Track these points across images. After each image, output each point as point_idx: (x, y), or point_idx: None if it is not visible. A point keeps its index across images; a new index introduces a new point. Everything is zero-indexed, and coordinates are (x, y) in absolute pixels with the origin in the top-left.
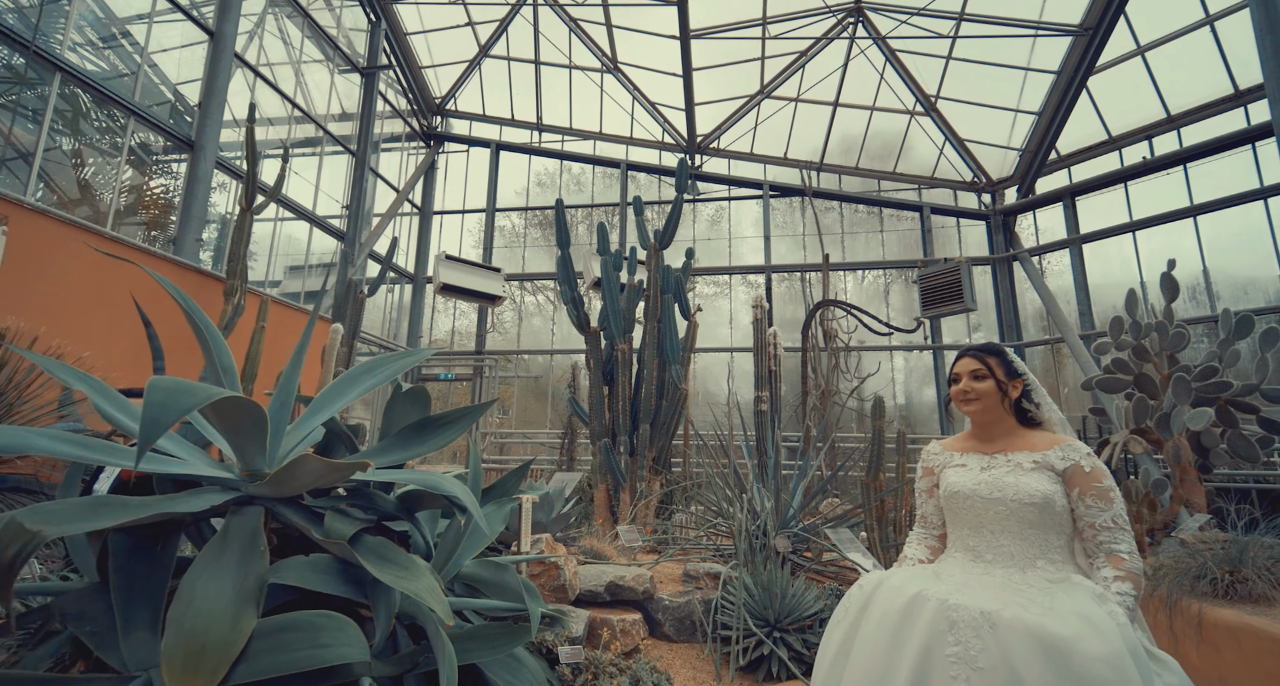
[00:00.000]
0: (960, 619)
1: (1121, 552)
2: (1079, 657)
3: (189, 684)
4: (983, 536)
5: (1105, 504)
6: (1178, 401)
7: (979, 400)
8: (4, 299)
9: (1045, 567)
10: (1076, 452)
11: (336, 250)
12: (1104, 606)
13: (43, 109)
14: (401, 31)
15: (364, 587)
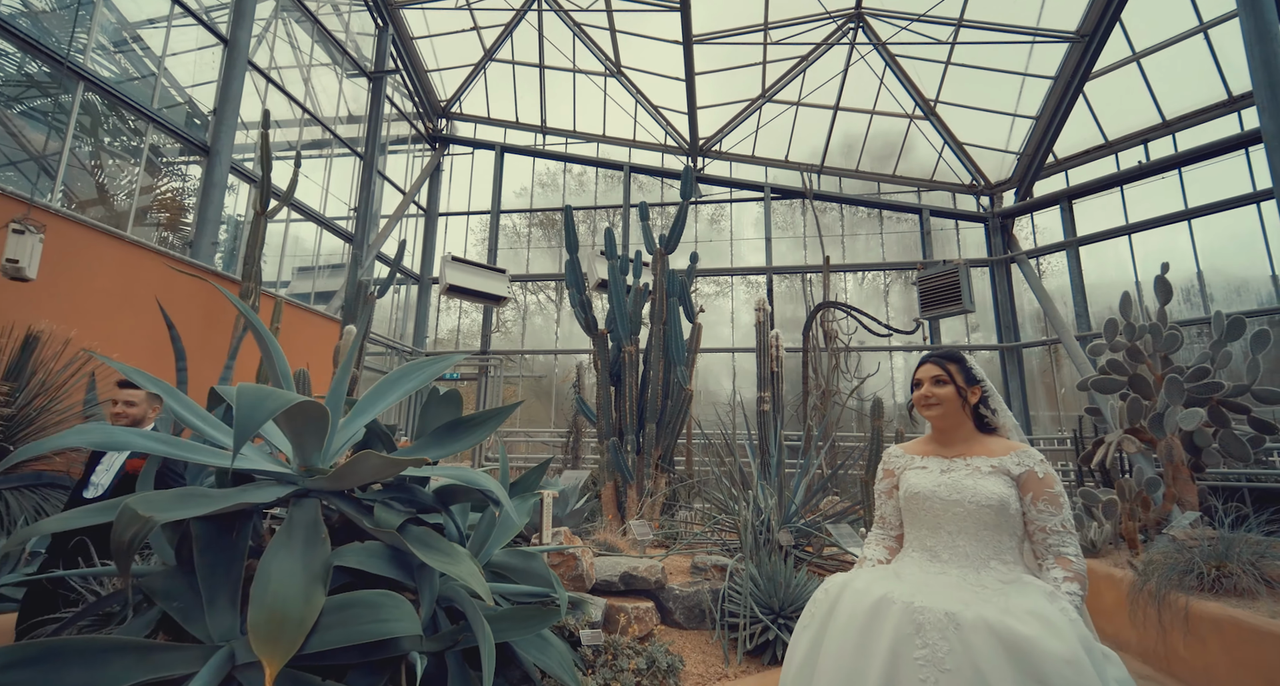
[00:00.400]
0: (926, 621)
1: (1069, 555)
2: (1040, 656)
3: (272, 651)
4: (940, 537)
5: (1056, 509)
6: (1171, 402)
7: (940, 405)
8: (38, 302)
9: (998, 568)
10: (1031, 459)
11: (343, 251)
12: (1056, 604)
13: (63, 115)
14: (408, 36)
15: (410, 571)
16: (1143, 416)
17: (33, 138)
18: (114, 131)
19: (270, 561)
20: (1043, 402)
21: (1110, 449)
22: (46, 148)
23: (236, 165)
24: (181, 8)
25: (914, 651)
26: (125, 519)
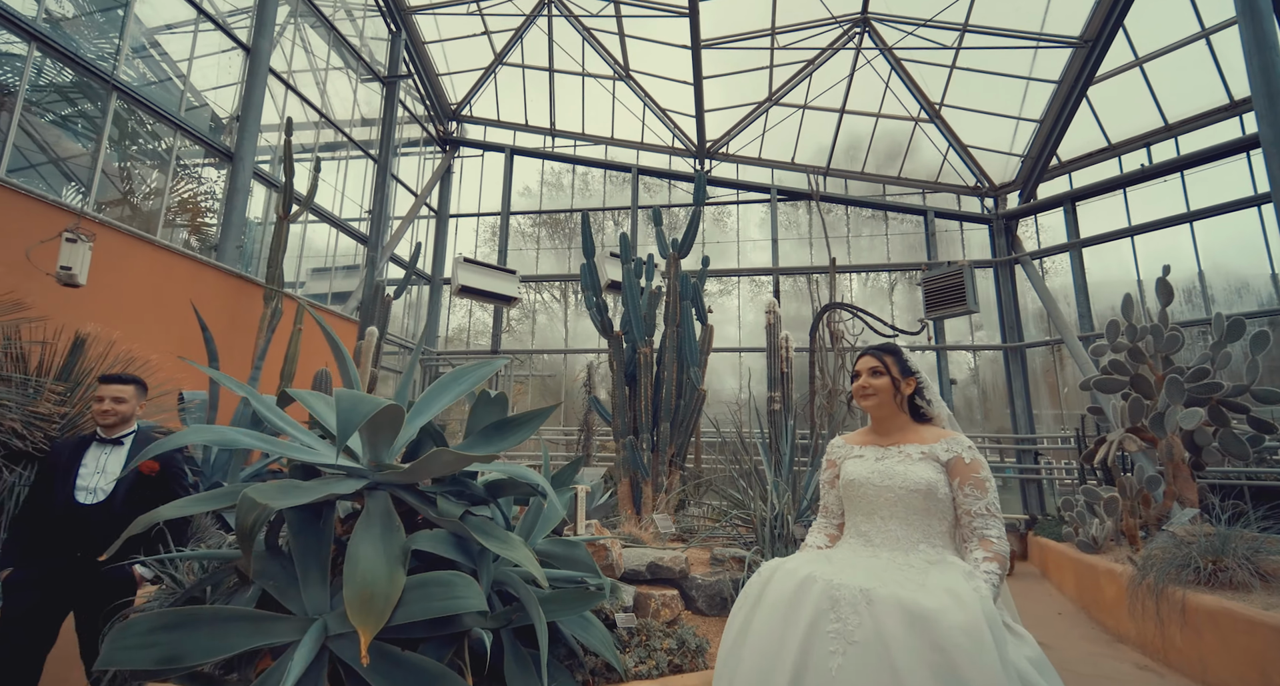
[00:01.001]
0: (842, 597)
1: (992, 537)
2: (941, 627)
3: (365, 622)
4: (874, 522)
5: (981, 493)
6: (1171, 401)
7: (875, 395)
8: (80, 305)
9: (926, 550)
10: (959, 446)
11: (357, 252)
12: (971, 582)
13: (86, 122)
14: (420, 40)
15: (471, 556)
16: (1144, 416)
17: (66, 146)
18: (142, 137)
19: (357, 545)
20: (1045, 402)
21: (1112, 447)
22: (76, 154)
23: (255, 169)
24: (206, 18)
25: (828, 624)
26: (246, 506)
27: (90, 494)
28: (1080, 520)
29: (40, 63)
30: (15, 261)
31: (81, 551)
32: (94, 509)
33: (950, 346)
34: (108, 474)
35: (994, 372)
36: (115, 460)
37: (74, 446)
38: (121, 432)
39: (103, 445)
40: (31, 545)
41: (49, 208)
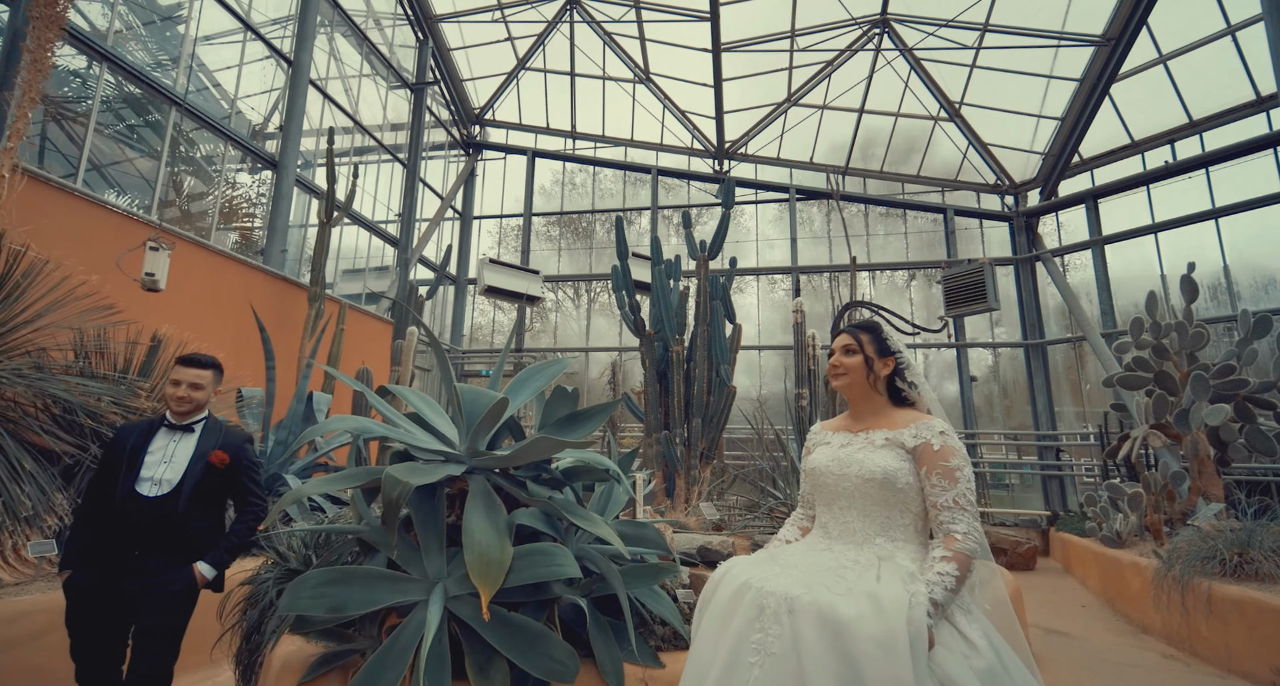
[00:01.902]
0: (767, 605)
1: (957, 533)
2: (852, 638)
3: (484, 584)
4: (833, 512)
5: (949, 483)
6: (1196, 398)
7: (846, 375)
8: (154, 308)
9: (882, 544)
10: (930, 431)
11: (385, 253)
12: (910, 586)
13: (141, 135)
14: (445, 47)
15: (558, 532)
16: (1168, 412)
17: (116, 153)
18: (197, 147)
19: (470, 520)
20: (1068, 399)
21: (1136, 444)
22: (118, 161)
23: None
24: (254, 34)
25: (753, 635)
26: (390, 483)
27: (155, 485)
28: (1104, 515)
29: (90, 74)
30: (102, 268)
31: (140, 550)
32: (156, 502)
33: (971, 343)
34: (175, 463)
35: (1015, 369)
36: (184, 448)
37: (141, 432)
38: (194, 419)
39: (172, 431)
40: (91, 543)
41: (122, 217)
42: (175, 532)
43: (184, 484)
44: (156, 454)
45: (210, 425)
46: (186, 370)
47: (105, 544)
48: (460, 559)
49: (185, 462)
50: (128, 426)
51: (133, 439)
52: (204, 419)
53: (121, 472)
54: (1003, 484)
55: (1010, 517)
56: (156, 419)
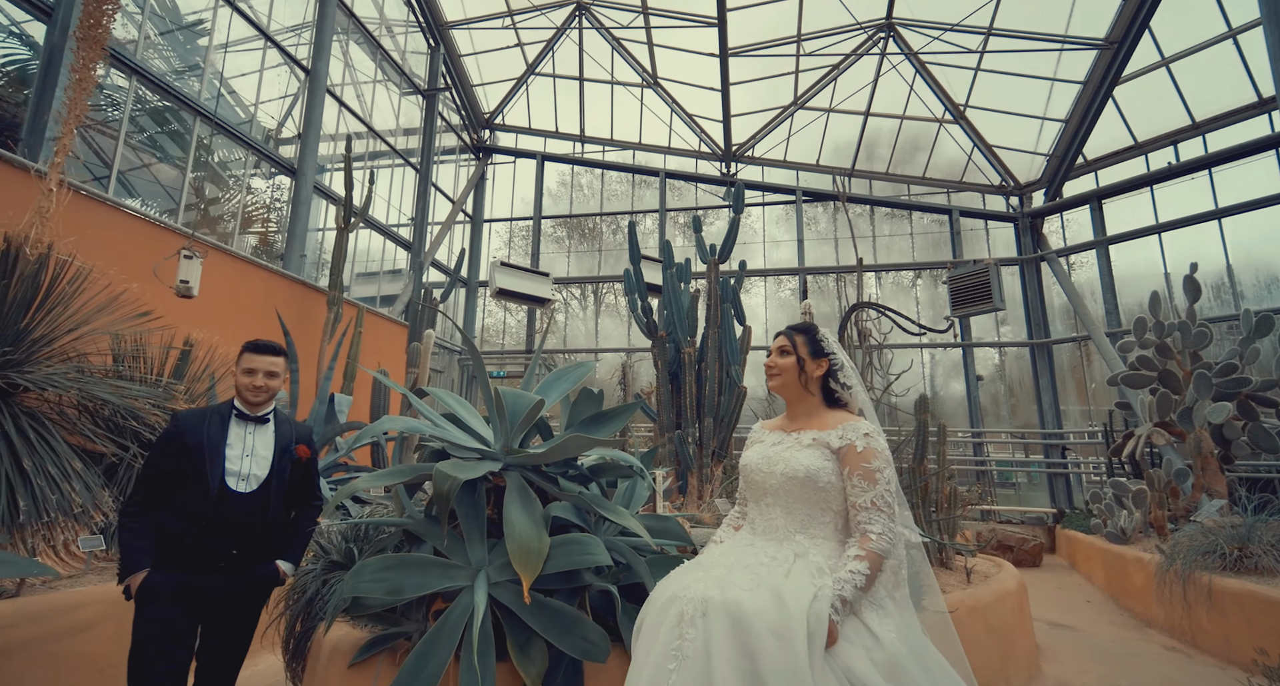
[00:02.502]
0: (685, 611)
1: (872, 533)
2: (753, 631)
3: (525, 571)
4: (760, 509)
5: (869, 484)
6: (1200, 396)
7: (780, 376)
8: (183, 312)
9: (801, 541)
10: (855, 432)
11: (397, 256)
12: (816, 581)
13: (159, 143)
14: (456, 54)
15: (588, 524)
16: (1172, 410)
17: (134, 159)
18: (209, 153)
19: (510, 512)
20: (1073, 397)
21: (1140, 441)
22: (136, 167)
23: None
24: (274, 46)
25: (673, 643)
26: (441, 477)
27: (242, 480)
28: (1109, 512)
29: (107, 82)
30: (136, 275)
31: (239, 548)
32: (248, 498)
33: (977, 343)
34: (258, 457)
35: (1020, 369)
36: (263, 441)
37: (213, 423)
38: (267, 410)
39: (244, 422)
40: (172, 542)
41: (152, 226)
42: (265, 529)
43: (272, 479)
44: (236, 447)
45: (280, 416)
46: (260, 357)
47: (192, 542)
48: (500, 548)
49: (269, 456)
50: (189, 416)
51: (208, 430)
52: (273, 409)
53: (206, 466)
54: (1009, 482)
55: (1016, 515)
56: (222, 408)
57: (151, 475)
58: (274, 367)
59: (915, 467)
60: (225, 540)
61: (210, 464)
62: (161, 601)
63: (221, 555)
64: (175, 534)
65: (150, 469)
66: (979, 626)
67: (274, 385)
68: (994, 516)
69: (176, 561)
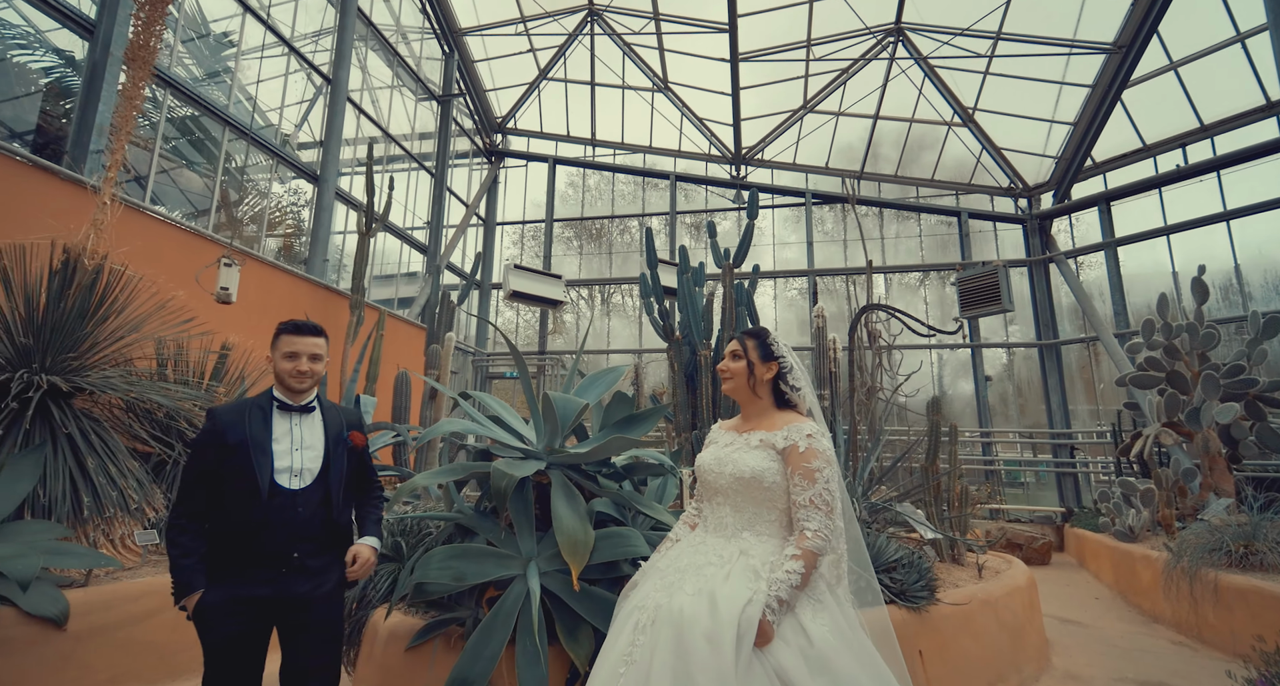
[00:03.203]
0: (641, 620)
1: (808, 531)
2: (689, 636)
3: (574, 560)
4: (711, 507)
5: (808, 483)
6: (1207, 397)
7: (732, 379)
8: (217, 318)
9: (747, 538)
10: (799, 433)
11: (412, 258)
12: (751, 585)
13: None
14: (470, 59)
15: (625, 519)
16: (1180, 411)
17: (161, 165)
18: (229, 159)
19: (557, 507)
20: (1081, 397)
21: (1148, 441)
22: (164, 174)
23: (306, 169)
24: (298, 57)
25: (626, 649)
26: (498, 475)
27: (295, 476)
28: (1117, 511)
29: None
30: (177, 282)
31: (300, 551)
32: (304, 495)
33: (985, 344)
34: (309, 449)
35: (1029, 369)
36: (312, 431)
37: (257, 418)
38: (310, 398)
39: (289, 413)
40: (227, 551)
41: (185, 233)
42: (329, 526)
43: (329, 471)
44: (283, 441)
45: (325, 403)
46: (302, 339)
47: (248, 549)
48: (547, 540)
49: (321, 447)
50: (227, 412)
51: (249, 424)
52: (318, 396)
53: (254, 465)
54: (1017, 481)
55: (1025, 514)
56: (261, 400)
57: (195, 481)
58: (317, 350)
59: (928, 467)
60: (285, 543)
61: (258, 462)
62: (221, 622)
63: (283, 560)
64: (229, 542)
65: (193, 474)
66: (990, 619)
67: (318, 369)
68: (1003, 515)
69: (233, 572)
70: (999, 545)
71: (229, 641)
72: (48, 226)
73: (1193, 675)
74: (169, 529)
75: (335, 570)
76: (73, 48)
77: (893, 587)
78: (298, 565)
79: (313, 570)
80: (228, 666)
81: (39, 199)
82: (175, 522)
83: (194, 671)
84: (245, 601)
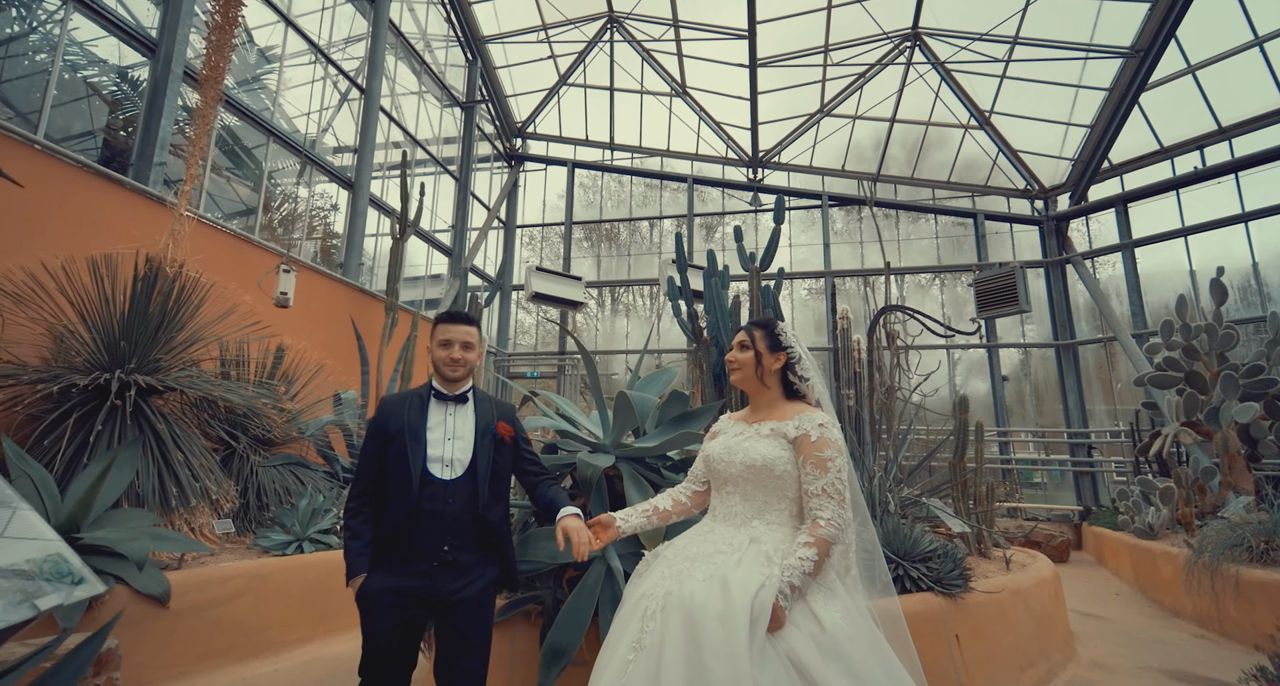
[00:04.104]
0: (650, 607)
1: (821, 519)
2: (701, 620)
3: (648, 543)
4: (721, 496)
5: (820, 472)
6: (1226, 396)
7: (740, 370)
8: (274, 320)
9: (757, 527)
10: (810, 423)
11: (435, 260)
12: (764, 570)
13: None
14: (491, 66)
15: None
16: (1199, 410)
17: (225, 180)
18: (273, 163)
19: (631, 495)
20: (1099, 397)
21: (1167, 441)
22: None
23: (337, 173)
24: (335, 67)
25: (635, 635)
26: (583, 466)
27: (446, 466)
28: (1136, 509)
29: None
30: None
31: (450, 545)
32: (454, 486)
33: (1002, 344)
34: (460, 439)
35: (1045, 368)
36: (464, 422)
37: (415, 407)
38: (465, 387)
39: (444, 403)
40: (387, 539)
41: (241, 241)
42: (477, 521)
43: (477, 463)
44: (437, 430)
45: (479, 395)
46: (454, 327)
47: (403, 539)
48: None
49: (471, 438)
50: (392, 400)
51: (407, 412)
52: (472, 387)
53: (408, 451)
54: (1032, 481)
55: (1043, 512)
56: (422, 390)
57: (365, 466)
58: (469, 338)
59: (955, 464)
60: (435, 535)
61: (411, 450)
62: (377, 609)
63: (434, 553)
64: (389, 530)
65: (363, 460)
66: (1020, 609)
67: (470, 358)
68: (1021, 513)
69: (392, 561)
70: (1018, 542)
71: (384, 630)
72: (129, 237)
73: (1214, 665)
74: (345, 510)
75: (486, 569)
76: (130, 61)
77: (930, 576)
78: (449, 560)
79: (463, 566)
80: (381, 654)
81: (111, 210)
82: (349, 504)
83: (274, 650)
84: (400, 592)
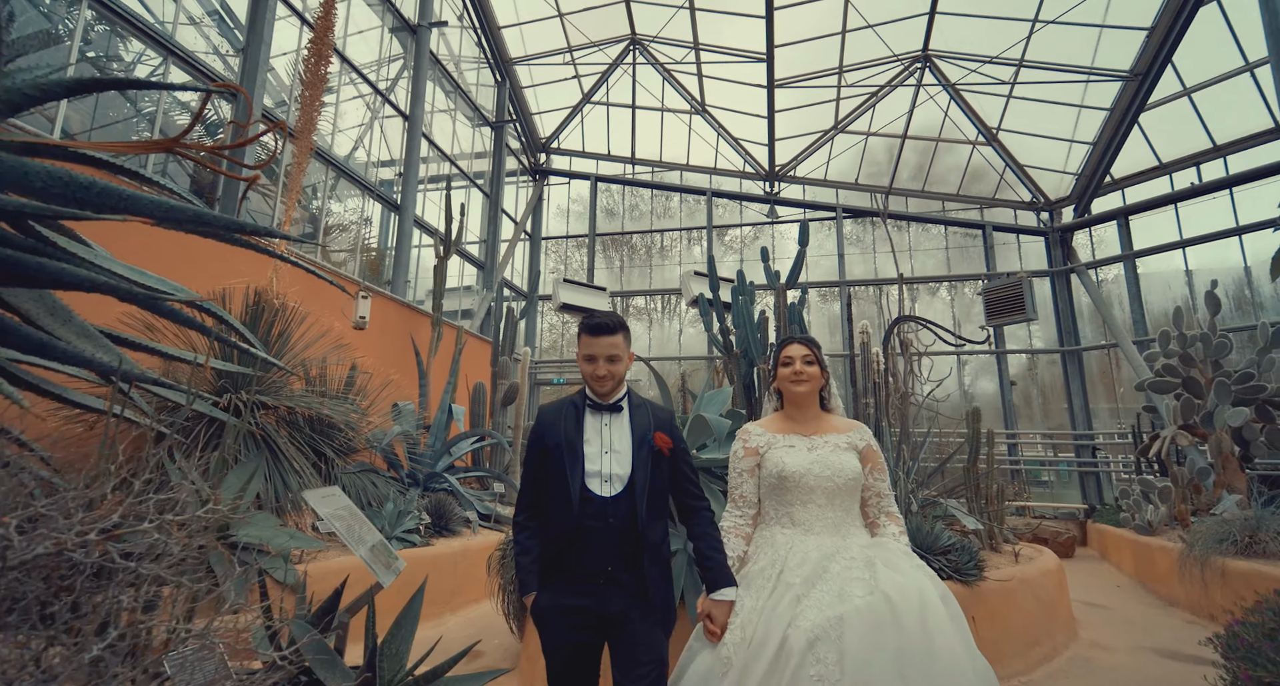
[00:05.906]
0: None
1: (896, 512)
2: (932, 617)
3: None
4: (809, 510)
5: (883, 474)
6: (1220, 401)
7: (808, 382)
8: (353, 341)
9: (853, 531)
10: (866, 434)
11: (465, 272)
12: (910, 559)
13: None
14: (518, 86)
15: None
16: (1195, 414)
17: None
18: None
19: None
20: (1102, 399)
21: (1165, 442)
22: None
23: (377, 191)
24: (383, 98)
25: (809, 668)
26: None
27: (604, 482)
28: (1137, 507)
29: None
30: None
31: (614, 565)
32: (615, 502)
33: (1011, 350)
34: (617, 452)
35: (1052, 373)
36: (620, 433)
37: (571, 418)
38: (619, 396)
39: (599, 413)
40: (552, 556)
41: (322, 270)
42: (637, 541)
43: (635, 478)
44: (594, 443)
45: (635, 401)
46: (597, 339)
47: (567, 556)
48: None
49: (628, 451)
50: (548, 411)
51: (564, 424)
52: (626, 393)
53: (566, 468)
54: (1040, 481)
55: (1050, 511)
56: (577, 399)
57: (527, 479)
58: (614, 350)
59: (970, 467)
60: (598, 554)
61: (570, 465)
62: (552, 626)
63: (598, 572)
64: (553, 548)
65: (526, 473)
66: (1028, 595)
67: (618, 370)
68: (1028, 512)
69: (559, 579)
70: (1026, 538)
71: (560, 649)
72: (238, 272)
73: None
74: (513, 523)
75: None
76: None
77: (949, 566)
78: (613, 579)
79: (629, 587)
80: (562, 673)
81: (223, 249)
82: (516, 518)
83: None
84: (570, 611)
